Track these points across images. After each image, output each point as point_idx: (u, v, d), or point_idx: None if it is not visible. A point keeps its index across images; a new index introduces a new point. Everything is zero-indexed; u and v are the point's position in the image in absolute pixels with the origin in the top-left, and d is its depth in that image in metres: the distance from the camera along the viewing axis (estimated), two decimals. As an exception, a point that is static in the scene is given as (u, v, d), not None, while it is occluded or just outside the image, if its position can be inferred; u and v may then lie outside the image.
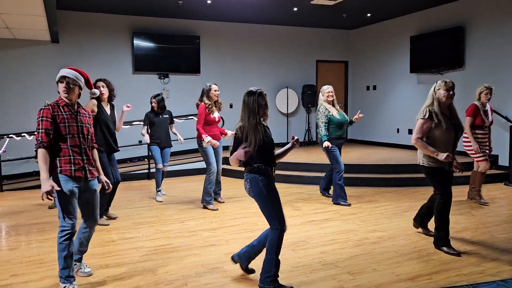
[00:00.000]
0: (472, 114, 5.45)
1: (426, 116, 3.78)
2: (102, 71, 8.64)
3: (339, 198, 5.62)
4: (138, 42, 8.87)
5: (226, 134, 5.64)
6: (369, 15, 9.26)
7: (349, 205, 5.54)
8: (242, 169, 3.21)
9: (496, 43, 7.49)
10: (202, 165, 8.14)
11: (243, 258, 3.34)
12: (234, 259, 3.39)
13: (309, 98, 10.42)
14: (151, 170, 7.89)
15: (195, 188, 6.87)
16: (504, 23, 7.36)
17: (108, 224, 4.81)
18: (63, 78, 3.15)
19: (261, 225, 4.74)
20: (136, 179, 7.83)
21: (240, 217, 5.09)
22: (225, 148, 9.30)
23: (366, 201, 5.82)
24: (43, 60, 8.20)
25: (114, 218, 5.10)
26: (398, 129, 9.63)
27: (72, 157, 3.10)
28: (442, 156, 3.67)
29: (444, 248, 3.78)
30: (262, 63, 10.15)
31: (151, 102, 6.23)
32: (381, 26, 10.04)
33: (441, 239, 3.82)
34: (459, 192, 6.18)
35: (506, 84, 7.35)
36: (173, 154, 8.82)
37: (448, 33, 8.22)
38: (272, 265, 3.03)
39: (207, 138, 5.39)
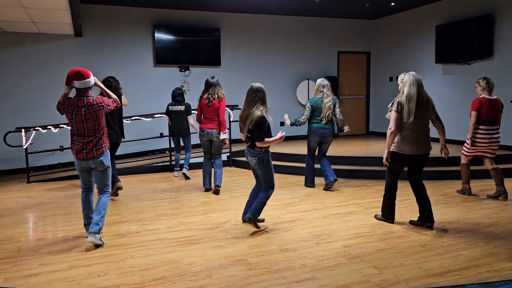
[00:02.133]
0: None
1: None
2: (124, 64, 8.74)
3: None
4: (159, 35, 8.90)
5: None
6: (393, 4, 9.03)
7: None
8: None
9: (527, 31, 7.21)
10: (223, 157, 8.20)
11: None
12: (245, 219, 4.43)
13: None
14: (173, 162, 7.95)
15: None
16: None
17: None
18: None
19: (284, 217, 4.72)
20: (157, 172, 7.89)
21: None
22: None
23: (390, 195, 5.71)
24: (67, 53, 8.31)
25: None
26: (422, 121, 9.41)
27: None
28: None
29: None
30: (282, 54, 10.05)
31: None
32: (405, 15, 9.79)
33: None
34: (487, 186, 6.01)
35: (537, 74, 7.08)
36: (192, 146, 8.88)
37: (476, 21, 7.95)
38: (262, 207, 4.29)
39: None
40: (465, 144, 5.51)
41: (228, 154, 8.37)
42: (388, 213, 4.45)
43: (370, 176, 6.82)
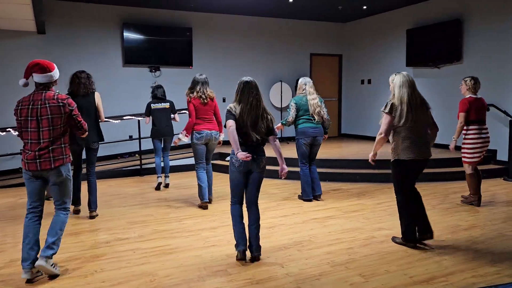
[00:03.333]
0: None
1: None
2: (90, 64, 8.33)
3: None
4: (128, 34, 8.56)
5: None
6: (365, 7, 9.09)
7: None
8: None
9: (495, 36, 7.38)
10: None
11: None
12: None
13: (303, 92, 10.23)
14: (143, 166, 7.65)
15: (189, 185, 6.65)
16: (502, 15, 7.25)
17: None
18: None
19: (262, 223, 4.52)
20: (127, 176, 7.57)
21: (239, 215, 4.88)
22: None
23: (367, 198, 5.68)
24: (29, 52, 7.82)
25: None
26: (393, 124, 9.50)
27: None
28: None
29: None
30: (255, 56, 9.92)
31: None
32: (376, 18, 9.89)
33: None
34: (460, 188, 6.09)
35: (504, 77, 7.27)
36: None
37: (446, 26, 8.10)
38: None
39: None
40: (463, 152, 5.16)
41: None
42: (410, 235, 3.77)
43: (345, 179, 6.78)
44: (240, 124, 3.48)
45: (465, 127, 5.15)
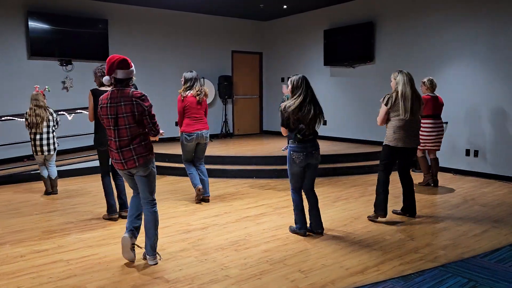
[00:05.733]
0: None
1: None
2: (-11, 54, 7.42)
3: None
4: (33, 23, 7.74)
5: None
6: (285, 7, 9.29)
7: None
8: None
9: (404, 38, 8.00)
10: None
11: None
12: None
13: (225, 89, 10.20)
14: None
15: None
16: (410, 19, 7.87)
17: None
18: None
19: (196, 224, 4.44)
20: (38, 180, 6.86)
21: (169, 217, 4.69)
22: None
23: (295, 193, 5.81)
24: None
25: None
26: (312, 120, 9.88)
27: None
28: None
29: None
30: (177, 51, 9.62)
31: None
32: (296, 18, 10.17)
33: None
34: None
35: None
36: (68, 151, 8.04)
37: (359, 28, 8.60)
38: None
39: None
40: (422, 141, 5.79)
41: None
42: (379, 207, 4.42)
43: (272, 175, 6.88)
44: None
45: (422, 121, 5.80)
